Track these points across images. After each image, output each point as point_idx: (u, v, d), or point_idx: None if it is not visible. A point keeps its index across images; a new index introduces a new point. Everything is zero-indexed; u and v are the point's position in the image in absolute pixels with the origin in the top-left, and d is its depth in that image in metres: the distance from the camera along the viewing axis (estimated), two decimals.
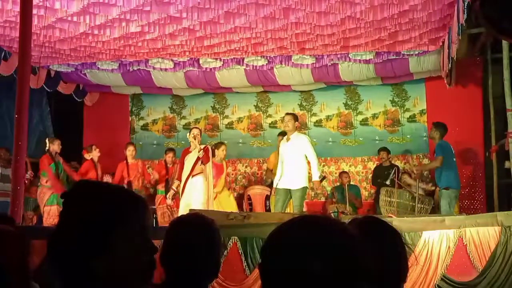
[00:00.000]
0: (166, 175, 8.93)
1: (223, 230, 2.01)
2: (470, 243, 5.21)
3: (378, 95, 10.01)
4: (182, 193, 7.51)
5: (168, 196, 8.18)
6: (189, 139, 7.68)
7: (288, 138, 7.28)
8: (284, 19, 6.80)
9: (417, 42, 7.84)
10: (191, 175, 7.45)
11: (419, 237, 5.21)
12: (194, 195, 7.37)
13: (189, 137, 7.64)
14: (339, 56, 8.59)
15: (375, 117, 10.08)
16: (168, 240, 1.89)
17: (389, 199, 7.61)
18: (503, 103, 7.07)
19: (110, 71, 9.17)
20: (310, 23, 6.96)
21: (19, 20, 5.63)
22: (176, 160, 8.97)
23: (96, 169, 8.76)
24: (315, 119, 10.28)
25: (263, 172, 10.02)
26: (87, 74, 9.35)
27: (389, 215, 6.60)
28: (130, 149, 9.06)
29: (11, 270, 1.88)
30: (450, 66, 7.63)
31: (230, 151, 9.71)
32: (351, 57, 8.58)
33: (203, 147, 7.56)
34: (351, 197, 8.85)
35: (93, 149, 8.82)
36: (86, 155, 8.91)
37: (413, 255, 4.95)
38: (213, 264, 1.91)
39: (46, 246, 1.19)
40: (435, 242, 5.20)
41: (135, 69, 9.10)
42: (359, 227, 1.49)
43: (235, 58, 8.79)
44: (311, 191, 9.37)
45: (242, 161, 10.43)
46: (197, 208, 6.86)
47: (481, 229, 5.24)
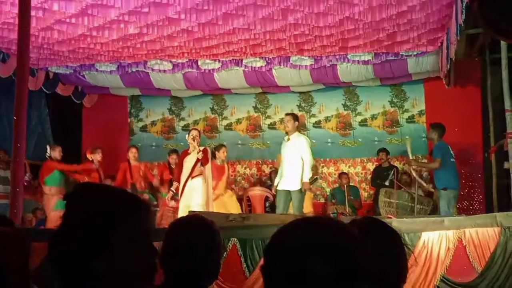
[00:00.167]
0: (170, 176, 8.86)
1: (223, 231, 2.01)
2: (469, 243, 5.20)
3: (377, 96, 10.01)
4: (181, 195, 7.49)
5: (167, 197, 8.16)
6: (188, 141, 7.66)
7: (288, 138, 7.28)
8: (282, 20, 6.80)
9: (415, 42, 7.85)
10: (190, 177, 7.44)
11: (419, 238, 5.20)
12: (193, 196, 7.36)
13: (188, 138, 7.62)
14: (337, 57, 8.59)
15: (374, 118, 10.08)
16: (167, 241, 1.89)
17: (389, 200, 7.61)
18: (502, 103, 7.05)
19: (108, 72, 9.17)
20: (308, 24, 6.96)
21: (17, 21, 5.62)
22: None
23: (97, 171, 8.74)
24: (314, 120, 10.28)
25: (270, 172, 9.96)
26: (85, 75, 9.34)
27: (389, 216, 6.60)
28: (132, 151, 9.05)
29: (11, 271, 1.87)
30: (448, 66, 7.64)
31: (229, 152, 9.68)
32: (350, 58, 8.59)
33: (202, 149, 7.54)
34: (350, 199, 8.85)
35: (98, 153, 8.78)
36: (88, 155, 8.87)
37: (413, 256, 4.94)
38: (213, 265, 1.91)
39: (45, 248, 1.19)
40: (434, 243, 5.19)
41: (134, 70, 9.10)
42: (359, 228, 1.49)
43: (233, 59, 8.79)
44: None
45: (241, 162, 10.42)
46: (196, 209, 6.86)
47: (480, 229, 5.23)
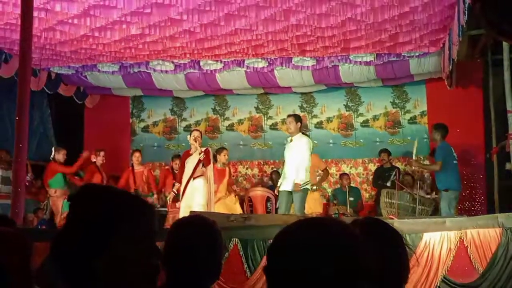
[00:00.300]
0: (173, 180, 8.83)
1: (224, 231, 2.01)
2: (471, 244, 5.20)
3: (378, 96, 10.00)
4: (183, 195, 7.50)
5: (168, 198, 8.18)
6: (189, 142, 7.67)
7: (291, 139, 7.26)
8: (284, 21, 6.80)
9: (417, 43, 7.84)
10: (192, 178, 7.45)
11: (420, 239, 5.20)
12: (195, 197, 7.36)
13: (190, 139, 7.63)
14: (339, 58, 8.59)
15: (375, 118, 10.07)
16: (169, 241, 1.89)
17: (390, 201, 7.60)
18: (504, 104, 7.05)
19: (110, 73, 9.18)
20: (310, 25, 6.96)
21: (20, 22, 5.63)
22: None
23: (100, 173, 8.73)
24: (315, 121, 10.27)
25: (271, 172, 9.94)
26: (87, 76, 9.35)
27: (390, 216, 6.59)
28: (136, 156, 9.05)
29: (13, 272, 1.87)
30: (450, 67, 7.63)
31: (230, 153, 9.68)
32: (352, 59, 8.58)
33: (204, 150, 7.55)
34: (351, 202, 8.82)
35: (100, 154, 8.77)
36: (92, 156, 8.87)
37: (414, 256, 4.94)
38: (214, 265, 1.91)
39: (47, 248, 1.20)
40: (436, 243, 5.19)
41: (136, 71, 9.10)
42: (361, 228, 1.49)
43: (235, 60, 8.79)
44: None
45: (242, 163, 10.42)
46: (198, 210, 6.87)
47: (482, 230, 5.22)
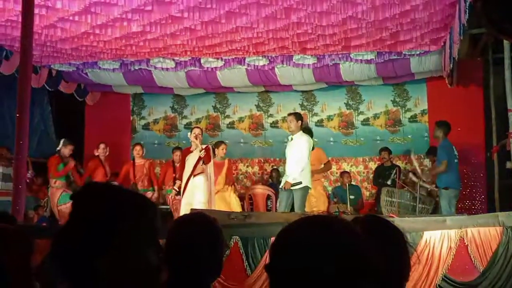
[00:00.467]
0: (173, 174, 8.83)
1: (224, 229, 2.01)
2: (471, 243, 5.20)
3: (379, 95, 10.00)
4: (183, 193, 7.51)
5: (170, 196, 8.20)
6: (190, 139, 7.68)
7: (292, 138, 7.27)
8: (285, 19, 6.79)
9: (418, 42, 7.83)
10: (192, 175, 7.46)
11: (421, 237, 5.20)
12: (195, 194, 7.37)
13: (190, 136, 7.64)
14: (340, 56, 8.58)
15: (376, 117, 10.07)
16: (170, 239, 1.89)
17: (390, 199, 7.61)
18: (505, 103, 7.05)
19: (111, 70, 9.17)
20: (311, 23, 6.95)
21: (20, 19, 5.63)
22: None
23: (103, 167, 8.72)
24: (316, 119, 10.27)
25: (271, 170, 9.97)
26: (88, 73, 9.35)
27: (390, 215, 6.59)
28: (136, 149, 9.04)
29: (13, 269, 1.87)
30: (451, 66, 7.63)
31: (231, 151, 9.70)
32: (353, 57, 8.57)
33: (204, 147, 7.56)
34: (352, 200, 8.82)
35: (100, 147, 8.76)
36: (95, 150, 8.87)
37: (415, 254, 4.94)
38: (215, 263, 1.91)
39: (48, 245, 1.19)
40: (436, 242, 5.19)
41: (137, 68, 9.10)
42: (362, 226, 1.49)
43: (236, 57, 8.78)
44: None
45: (243, 161, 10.42)
46: (198, 207, 6.87)
47: (482, 229, 5.23)
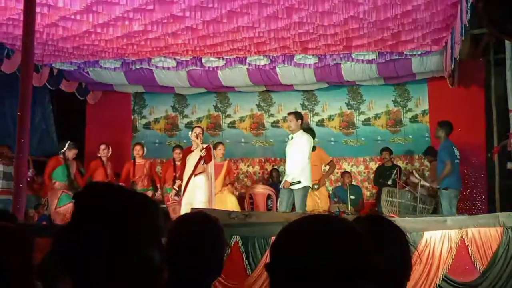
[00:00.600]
0: (174, 172, 8.82)
1: (225, 229, 2.01)
2: (471, 243, 5.20)
3: (380, 95, 10.00)
4: (184, 192, 7.51)
5: (170, 195, 8.20)
6: (191, 138, 7.68)
7: (292, 137, 7.27)
8: (287, 18, 6.79)
9: (420, 42, 7.83)
10: (193, 174, 7.46)
11: (421, 237, 5.20)
12: (196, 194, 7.37)
13: (191, 136, 7.64)
14: (341, 56, 8.58)
15: (377, 117, 10.07)
16: (171, 238, 1.89)
17: (391, 199, 7.60)
18: (506, 104, 7.05)
19: (112, 69, 9.18)
20: (313, 23, 6.95)
21: (22, 18, 5.63)
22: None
23: (104, 168, 8.72)
24: (317, 118, 10.27)
25: (271, 170, 9.98)
26: (89, 72, 9.35)
27: (391, 215, 6.59)
28: (136, 149, 9.02)
29: (14, 267, 1.88)
30: (453, 66, 7.62)
31: (232, 150, 9.71)
32: (354, 57, 8.56)
33: (205, 146, 7.55)
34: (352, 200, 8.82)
35: (100, 148, 8.76)
36: (97, 152, 8.88)
37: (416, 253, 4.94)
38: (216, 262, 1.91)
39: (48, 243, 1.19)
40: (436, 242, 5.19)
41: (138, 67, 9.10)
42: (364, 225, 1.49)
43: (237, 57, 8.78)
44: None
45: (244, 160, 10.42)
46: (199, 207, 6.87)
47: (482, 229, 5.23)
